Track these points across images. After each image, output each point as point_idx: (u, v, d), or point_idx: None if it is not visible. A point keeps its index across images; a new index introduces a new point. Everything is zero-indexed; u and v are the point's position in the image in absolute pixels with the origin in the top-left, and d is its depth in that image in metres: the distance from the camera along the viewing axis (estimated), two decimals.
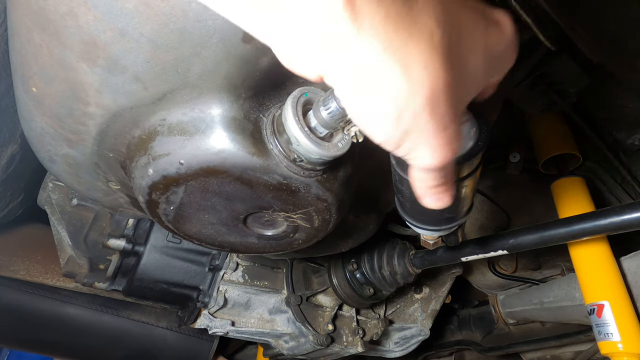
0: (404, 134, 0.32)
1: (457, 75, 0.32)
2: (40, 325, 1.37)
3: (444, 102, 0.31)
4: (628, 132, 1.22)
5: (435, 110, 0.31)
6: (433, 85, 0.30)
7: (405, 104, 0.30)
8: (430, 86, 0.30)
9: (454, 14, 0.31)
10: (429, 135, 0.32)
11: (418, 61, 0.29)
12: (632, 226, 0.74)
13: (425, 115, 0.31)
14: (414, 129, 0.31)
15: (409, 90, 0.29)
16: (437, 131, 0.32)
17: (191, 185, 0.61)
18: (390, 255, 1.25)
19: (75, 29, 0.50)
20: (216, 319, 1.26)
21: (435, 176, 0.39)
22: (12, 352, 2.23)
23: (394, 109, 0.30)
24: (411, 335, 1.57)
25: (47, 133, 0.68)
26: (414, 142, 0.32)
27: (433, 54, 0.29)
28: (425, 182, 0.40)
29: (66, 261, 1.22)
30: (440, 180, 0.39)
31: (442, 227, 0.65)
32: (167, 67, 0.52)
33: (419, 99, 0.30)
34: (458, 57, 0.32)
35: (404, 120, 0.31)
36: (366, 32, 0.27)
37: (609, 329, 1.07)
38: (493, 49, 0.35)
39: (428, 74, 0.29)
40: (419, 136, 0.32)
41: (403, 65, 0.28)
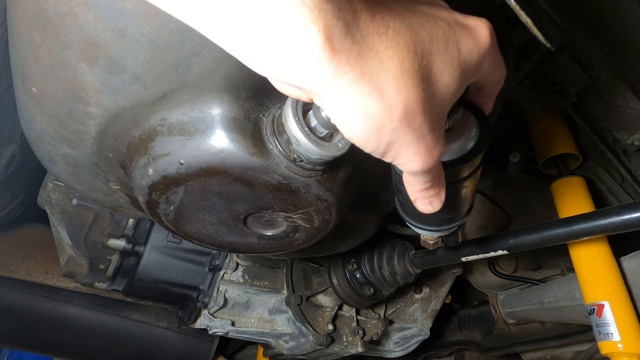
0: (387, 146, 0.36)
1: (431, 90, 0.35)
2: (40, 325, 1.37)
3: (419, 115, 0.35)
4: (628, 132, 1.22)
5: (411, 124, 0.35)
6: (406, 103, 0.34)
7: (383, 122, 0.34)
8: (404, 105, 0.34)
9: (424, 35, 0.35)
10: (408, 144, 0.36)
11: (391, 85, 0.33)
12: (632, 226, 0.74)
13: (403, 129, 0.35)
14: (395, 141, 0.36)
15: (385, 111, 0.34)
16: (416, 140, 0.36)
17: (191, 185, 0.61)
18: (390, 255, 1.25)
19: (75, 29, 0.50)
20: (216, 319, 1.26)
21: (422, 180, 0.42)
22: (12, 352, 2.23)
23: (374, 127, 0.34)
24: (411, 335, 1.57)
25: (47, 133, 0.68)
26: (396, 150, 0.37)
27: (404, 76, 0.33)
28: (415, 186, 0.44)
29: (66, 261, 1.22)
30: (427, 184, 0.43)
31: (442, 228, 0.65)
32: (167, 67, 0.52)
33: (396, 116, 0.34)
34: (431, 74, 0.35)
35: (385, 135, 0.35)
36: (343, 69, 0.31)
37: (609, 329, 1.07)
38: (467, 58, 0.38)
39: (401, 95, 0.33)
40: (400, 145, 0.36)
41: (377, 91, 0.33)
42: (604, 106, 1.20)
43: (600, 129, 1.26)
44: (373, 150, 0.37)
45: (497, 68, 0.43)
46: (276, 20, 0.29)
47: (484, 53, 0.39)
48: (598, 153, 1.35)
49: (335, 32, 0.30)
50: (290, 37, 0.30)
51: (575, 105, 1.24)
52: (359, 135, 0.35)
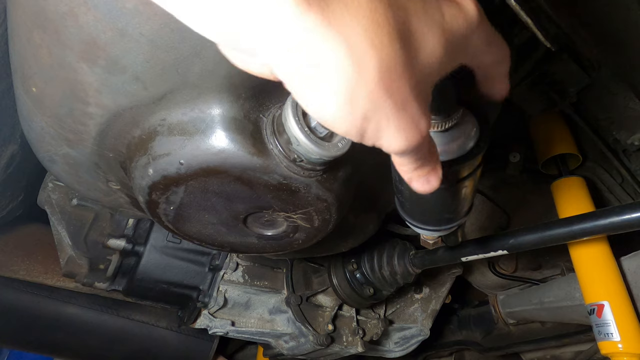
0: (363, 119, 0.30)
1: (411, 52, 0.30)
2: (40, 325, 1.37)
3: (400, 78, 0.30)
4: (628, 132, 1.22)
5: (390, 88, 0.29)
6: (383, 60, 0.28)
7: (356, 84, 0.28)
8: (379, 62, 0.28)
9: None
10: (389, 115, 0.31)
11: (361, 37, 0.27)
12: (632, 226, 0.74)
13: (380, 93, 0.29)
14: (372, 111, 0.30)
15: (356, 68, 0.28)
16: (398, 110, 0.31)
17: (191, 185, 0.61)
18: (390, 255, 1.25)
19: (75, 29, 0.50)
20: (216, 319, 1.26)
21: (413, 159, 0.37)
22: (12, 352, 2.23)
23: (344, 92, 0.28)
24: (411, 335, 1.57)
25: (47, 133, 0.68)
26: (375, 126, 0.31)
27: (377, 28, 0.28)
28: (406, 166, 0.39)
29: (66, 261, 1.22)
30: (419, 162, 0.38)
31: (441, 227, 0.65)
32: (167, 67, 0.52)
33: (370, 76, 0.28)
34: (410, 33, 0.30)
35: (358, 103, 0.29)
36: (304, 12, 0.26)
37: (609, 329, 1.07)
38: (452, 27, 0.33)
39: (374, 49, 0.28)
40: (379, 119, 0.31)
41: (345, 41, 0.27)
42: (604, 106, 1.20)
43: (600, 129, 1.26)
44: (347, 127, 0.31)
45: (494, 45, 0.39)
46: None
47: (471, 23, 0.35)
48: (598, 153, 1.35)
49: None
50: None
51: (575, 105, 1.24)
52: (327, 107, 0.30)
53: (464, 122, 0.48)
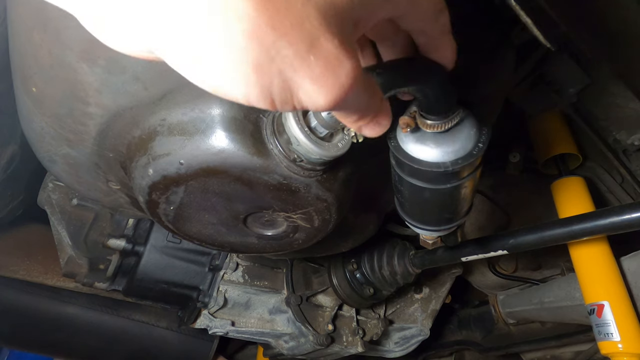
0: (259, 74, 0.23)
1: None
2: (40, 325, 1.37)
3: (291, 9, 0.23)
4: (628, 132, 1.22)
5: (281, 25, 0.22)
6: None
7: (231, 33, 0.22)
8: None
9: None
10: (293, 62, 0.24)
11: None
12: (632, 226, 0.74)
13: (268, 33, 0.22)
14: (266, 61, 0.23)
15: (224, 10, 0.21)
16: (304, 52, 0.23)
17: (191, 185, 0.61)
18: (390, 255, 1.25)
19: (75, 29, 0.50)
20: (216, 319, 1.26)
21: (352, 110, 0.31)
22: (12, 352, 2.23)
23: (222, 49, 0.22)
24: (411, 335, 1.57)
25: (47, 133, 0.69)
26: (281, 80, 0.24)
27: None
28: (347, 119, 0.33)
29: (66, 261, 1.22)
30: (360, 111, 0.32)
31: (441, 228, 0.65)
32: (167, 67, 0.52)
33: (247, 16, 0.22)
34: None
35: (244, 58, 0.23)
36: None
37: (609, 329, 1.07)
38: None
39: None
40: (282, 69, 0.24)
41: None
42: (604, 106, 1.20)
43: (600, 129, 1.26)
44: (244, 94, 0.24)
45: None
46: None
47: None
48: (598, 153, 1.35)
49: None
50: None
51: (575, 105, 1.24)
52: (204, 62, 0.23)
53: (463, 123, 0.48)
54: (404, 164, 0.50)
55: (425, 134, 0.48)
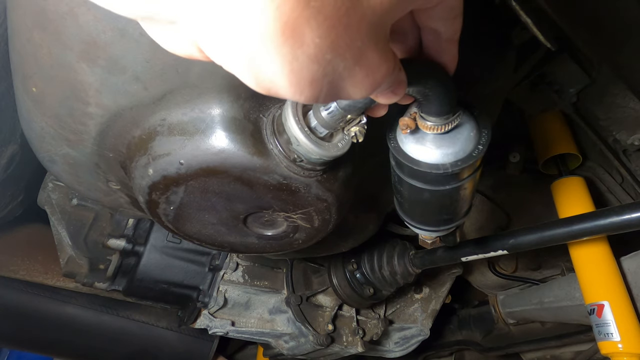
0: (312, 86, 0.27)
1: (355, 2, 0.25)
2: (40, 325, 1.37)
3: (345, 30, 0.25)
4: (628, 132, 1.22)
5: (336, 44, 0.25)
6: (319, 15, 0.24)
7: (292, 50, 0.24)
8: (316, 18, 0.24)
9: None
10: (342, 74, 0.27)
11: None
12: (632, 226, 0.74)
13: (326, 54, 0.25)
14: (320, 76, 0.26)
15: (288, 31, 0.24)
16: (351, 66, 0.27)
17: (191, 185, 0.61)
18: (390, 255, 1.25)
19: (75, 29, 0.50)
20: (216, 319, 1.26)
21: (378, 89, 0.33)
22: (12, 352, 2.23)
23: (281, 61, 0.25)
24: (411, 335, 1.57)
25: (47, 133, 0.68)
26: (329, 87, 0.28)
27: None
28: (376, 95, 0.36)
29: (66, 261, 1.22)
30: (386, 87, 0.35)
31: (440, 228, 0.65)
32: (167, 67, 0.52)
33: (308, 37, 0.24)
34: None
35: (302, 70, 0.25)
36: None
37: (609, 329, 1.07)
38: None
39: (306, 4, 0.23)
40: (331, 80, 0.27)
41: (271, 3, 0.23)
42: (604, 106, 1.20)
43: (600, 129, 1.26)
44: (294, 96, 0.28)
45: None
46: None
47: None
48: (598, 153, 1.35)
49: None
50: None
51: (575, 105, 1.24)
52: (266, 77, 0.26)
53: (463, 124, 0.48)
54: (404, 165, 0.50)
55: (425, 135, 0.48)
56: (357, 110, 0.46)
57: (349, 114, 0.47)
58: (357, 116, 0.49)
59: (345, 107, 0.46)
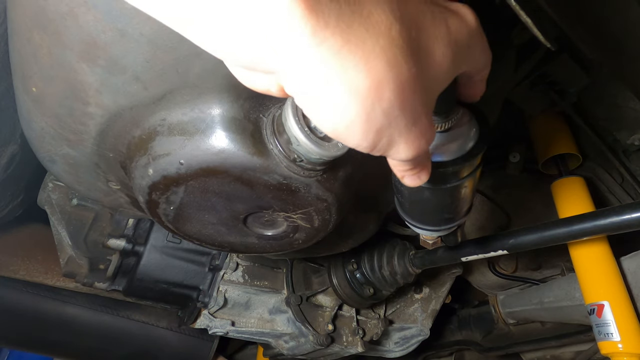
0: (377, 134, 0.31)
1: (423, 67, 0.31)
2: (40, 325, 1.37)
3: (413, 94, 0.30)
4: (628, 132, 1.22)
5: (404, 105, 0.30)
6: (398, 79, 0.29)
7: (373, 103, 0.29)
8: (395, 80, 0.29)
9: (410, 5, 0.30)
10: (401, 130, 0.32)
11: (379, 56, 0.28)
12: (632, 226, 0.74)
13: (395, 111, 0.30)
14: (385, 127, 0.31)
15: (374, 88, 0.28)
16: (410, 125, 0.32)
17: (191, 185, 0.61)
18: (390, 255, 1.25)
19: (75, 29, 0.50)
20: (216, 319, 1.26)
21: (412, 163, 0.39)
22: (12, 352, 2.23)
23: (362, 110, 0.29)
24: (411, 335, 1.57)
25: (47, 133, 0.68)
26: (387, 139, 0.32)
27: (393, 47, 0.28)
28: (402, 167, 0.41)
29: (66, 261, 1.22)
30: (417, 165, 0.40)
31: (441, 228, 0.65)
32: (167, 67, 0.52)
33: (387, 95, 0.29)
34: (421, 48, 0.31)
35: (374, 120, 0.30)
36: (321, 33, 0.26)
37: (609, 329, 1.07)
38: (457, 37, 0.34)
39: (391, 68, 0.28)
40: (391, 133, 0.32)
41: (364, 62, 0.28)
42: (604, 106, 1.20)
43: (600, 129, 1.26)
44: (360, 141, 0.32)
45: (485, 51, 0.41)
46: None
47: (473, 34, 0.36)
48: (598, 153, 1.35)
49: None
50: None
51: (575, 105, 1.24)
52: (343, 122, 0.30)
53: (463, 123, 0.48)
54: None
55: None
56: None
57: None
58: None
59: None
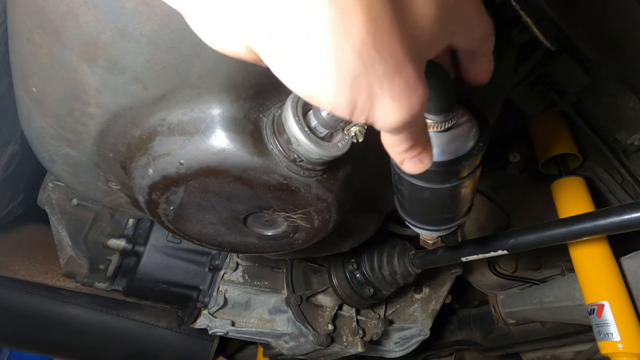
0: (353, 84, 0.27)
1: (403, 10, 0.28)
2: (40, 325, 1.37)
3: (390, 36, 0.27)
4: (628, 132, 1.22)
5: (380, 46, 0.26)
6: (370, 15, 0.25)
7: (340, 39, 0.25)
8: (367, 16, 0.25)
9: None
10: (381, 79, 0.28)
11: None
12: (632, 226, 0.74)
13: (370, 50, 0.26)
14: (361, 73, 0.27)
15: (340, 19, 0.25)
16: (391, 73, 0.28)
17: (191, 185, 0.61)
18: (390, 255, 1.25)
19: (75, 29, 0.50)
20: (216, 319, 1.26)
21: (405, 138, 0.35)
22: (12, 352, 2.23)
23: (329, 51, 0.26)
24: (411, 335, 1.57)
25: (47, 133, 0.68)
26: (367, 92, 0.28)
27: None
28: (399, 147, 0.36)
29: (66, 261, 1.22)
30: (412, 141, 0.36)
31: (441, 228, 0.65)
32: (167, 67, 0.52)
33: (357, 28, 0.25)
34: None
35: (346, 63, 0.26)
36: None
37: (609, 329, 1.07)
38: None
39: (361, 6, 0.25)
40: (370, 83, 0.28)
41: (328, 2, 0.25)
42: (604, 106, 1.20)
43: (600, 129, 1.26)
44: (336, 95, 0.28)
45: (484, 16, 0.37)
46: None
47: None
48: (598, 153, 1.35)
49: None
50: None
51: (575, 105, 1.24)
52: (311, 71, 0.27)
53: (463, 122, 0.48)
54: None
55: None
56: None
57: None
58: None
59: None
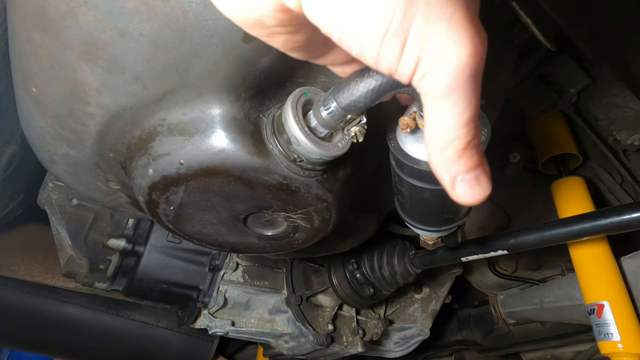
0: (405, 17, 0.22)
1: None
2: (40, 325, 1.37)
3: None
4: (628, 132, 1.22)
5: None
6: None
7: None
8: None
9: None
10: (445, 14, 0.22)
11: None
12: (632, 226, 0.74)
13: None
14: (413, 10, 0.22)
15: None
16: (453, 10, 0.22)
17: (191, 185, 0.61)
18: (390, 255, 1.25)
19: (75, 29, 0.50)
20: (216, 319, 1.26)
21: (465, 131, 0.26)
22: (12, 352, 2.23)
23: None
24: (411, 335, 1.57)
25: (47, 133, 0.68)
26: (413, 14, 0.22)
27: None
28: (457, 132, 0.27)
29: (66, 261, 1.22)
30: (470, 135, 0.26)
31: (441, 228, 0.65)
32: (167, 67, 0.52)
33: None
34: None
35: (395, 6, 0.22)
36: None
37: (609, 329, 1.07)
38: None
39: None
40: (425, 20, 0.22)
41: None
42: (604, 106, 1.21)
43: (600, 129, 1.27)
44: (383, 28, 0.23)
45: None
46: None
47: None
48: (598, 153, 1.35)
49: None
50: None
51: (575, 105, 1.24)
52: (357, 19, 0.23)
53: None
54: (404, 165, 0.50)
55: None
56: (357, 110, 0.46)
57: (349, 114, 0.47)
58: (357, 116, 0.49)
59: (345, 106, 0.46)
